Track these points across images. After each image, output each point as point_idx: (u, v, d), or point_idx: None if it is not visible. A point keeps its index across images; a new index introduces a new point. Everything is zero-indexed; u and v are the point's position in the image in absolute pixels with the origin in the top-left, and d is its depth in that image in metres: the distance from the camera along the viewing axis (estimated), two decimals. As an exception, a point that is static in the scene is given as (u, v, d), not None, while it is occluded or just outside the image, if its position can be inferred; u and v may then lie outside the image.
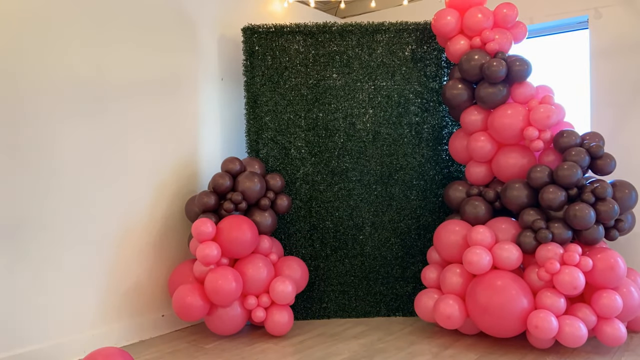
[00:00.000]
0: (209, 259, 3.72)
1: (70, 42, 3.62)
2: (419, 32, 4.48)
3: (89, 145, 3.72)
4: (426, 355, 3.56)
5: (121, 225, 3.92)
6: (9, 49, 3.32)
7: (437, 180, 4.51)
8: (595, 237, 3.53)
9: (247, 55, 4.44)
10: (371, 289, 4.52)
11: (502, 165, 3.90)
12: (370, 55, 4.48)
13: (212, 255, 3.72)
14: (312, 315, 4.50)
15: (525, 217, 3.67)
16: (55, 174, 3.53)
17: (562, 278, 3.38)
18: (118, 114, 3.89)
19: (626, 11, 4.38)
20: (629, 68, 4.36)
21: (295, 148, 4.48)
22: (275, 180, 4.21)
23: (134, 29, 4.01)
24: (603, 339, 3.43)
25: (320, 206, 4.49)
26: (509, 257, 3.58)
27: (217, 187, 4.02)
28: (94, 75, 3.74)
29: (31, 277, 3.41)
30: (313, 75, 4.47)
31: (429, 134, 4.50)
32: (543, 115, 3.69)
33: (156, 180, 4.17)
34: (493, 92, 3.87)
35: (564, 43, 4.89)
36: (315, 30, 4.45)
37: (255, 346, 3.83)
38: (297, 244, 4.49)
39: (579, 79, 4.69)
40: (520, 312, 3.46)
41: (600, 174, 3.68)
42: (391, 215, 4.51)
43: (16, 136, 3.34)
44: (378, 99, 4.48)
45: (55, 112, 3.53)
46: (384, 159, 4.49)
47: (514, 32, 4.05)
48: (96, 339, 3.74)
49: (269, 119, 4.46)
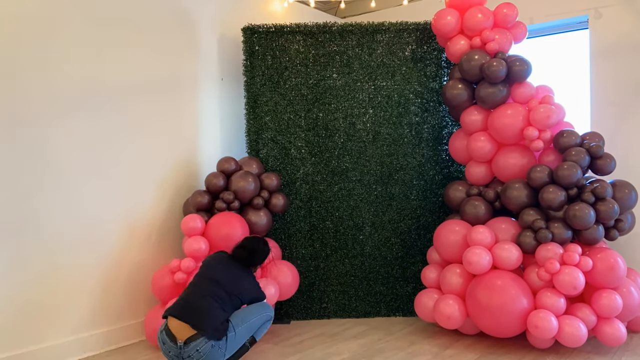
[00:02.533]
0: (197, 253, 3.74)
1: (71, 43, 3.62)
2: (419, 32, 4.48)
3: (89, 145, 3.72)
4: (426, 355, 3.56)
5: (122, 224, 3.92)
6: (9, 49, 3.32)
7: (437, 180, 4.51)
8: (595, 237, 3.53)
9: (247, 55, 4.44)
10: (371, 289, 4.52)
11: (502, 165, 3.90)
12: (370, 55, 4.48)
13: (200, 250, 3.74)
14: (312, 315, 4.50)
15: (525, 217, 3.67)
16: (56, 173, 3.53)
17: (562, 278, 3.38)
18: (118, 114, 3.89)
19: (626, 11, 4.38)
20: (629, 68, 4.36)
21: (295, 148, 4.48)
22: (271, 179, 4.22)
23: (134, 29, 4.01)
24: (603, 339, 3.43)
25: (320, 206, 4.49)
26: (509, 257, 3.58)
27: (210, 186, 4.05)
28: (94, 76, 3.74)
29: (31, 277, 3.41)
30: (313, 75, 4.47)
31: (429, 134, 4.50)
32: (543, 115, 3.69)
33: (156, 179, 4.17)
34: (493, 92, 3.87)
35: (564, 43, 4.89)
36: (315, 30, 4.45)
37: (255, 346, 3.83)
38: (297, 244, 4.49)
39: (579, 79, 4.69)
40: (520, 312, 3.46)
41: (600, 174, 3.68)
42: (391, 215, 4.51)
43: (16, 136, 3.34)
44: (378, 99, 4.48)
45: (56, 112, 3.53)
46: (384, 159, 4.49)
47: (514, 32, 4.05)
48: (97, 338, 3.74)
49: (269, 118, 4.46)
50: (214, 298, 3.07)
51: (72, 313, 3.63)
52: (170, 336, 2.97)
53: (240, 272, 3.30)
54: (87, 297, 3.72)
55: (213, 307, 3.04)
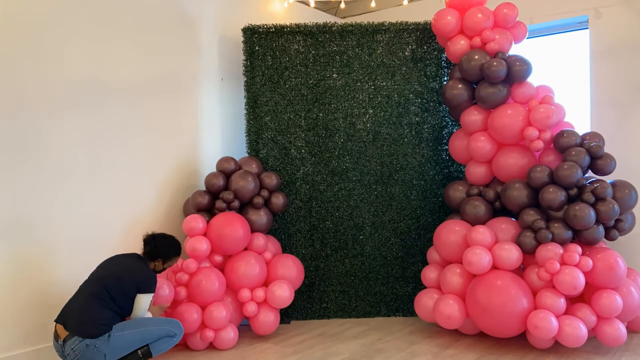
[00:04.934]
0: (198, 252, 3.75)
1: (70, 43, 3.62)
2: (419, 32, 4.48)
3: (89, 145, 3.72)
4: (426, 355, 3.56)
5: (122, 224, 3.92)
6: (9, 49, 3.32)
7: (437, 180, 4.51)
8: (595, 237, 3.53)
9: (247, 55, 4.44)
10: (371, 289, 4.52)
11: (502, 165, 3.90)
12: (370, 55, 4.48)
13: (201, 250, 3.75)
14: (312, 315, 4.50)
15: (525, 217, 3.67)
16: (55, 173, 3.53)
17: (562, 278, 3.38)
18: (118, 114, 3.89)
19: (626, 11, 4.38)
20: (629, 68, 4.36)
21: (295, 148, 4.48)
22: (271, 178, 4.22)
23: (134, 30, 4.01)
24: (603, 339, 3.43)
25: (320, 206, 4.49)
26: (509, 257, 3.58)
27: (210, 186, 4.05)
28: (94, 75, 3.74)
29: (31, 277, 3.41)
30: (313, 75, 4.47)
31: (429, 134, 4.50)
32: (543, 115, 3.69)
33: (157, 179, 4.17)
34: (493, 92, 3.87)
35: (564, 43, 4.89)
36: (315, 30, 4.45)
37: (256, 346, 3.83)
38: (297, 244, 4.49)
39: (579, 79, 4.69)
40: (520, 312, 3.46)
41: (600, 174, 3.68)
42: (391, 215, 4.51)
43: (16, 136, 3.34)
44: (378, 99, 4.48)
45: (56, 112, 3.53)
46: (384, 159, 4.49)
47: (514, 32, 4.05)
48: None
49: (269, 119, 4.46)
50: (92, 296, 3.06)
51: (72, 313, 3.63)
52: (55, 335, 3.06)
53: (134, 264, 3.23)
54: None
55: (88, 305, 3.03)
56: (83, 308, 3.02)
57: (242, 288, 3.89)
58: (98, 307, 3.03)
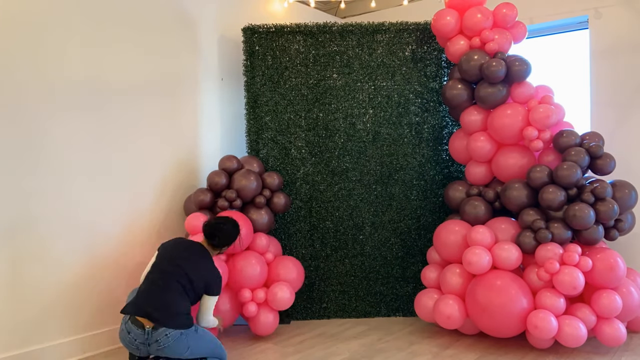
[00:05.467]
0: None
1: (70, 43, 3.62)
2: (419, 32, 4.48)
3: (89, 145, 3.72)
4: (426, 355, 3.56)
5: (122, 224, 3.92)
6: (9, 49, 3.32)
7: (437, 180, 4.51)
8: (595, 237, 3.53)
9: (247, 55, 4.45)
10: (371, 289, 4.52)
11: (501, 165, 3.90)
12: (370, 56, 4.48)
13: None
14: (312, 315, 4.50)
15: (525, 217, 3.67)
16: (55, 173, 3.54)
17: (561, 278, 3.38)
18: (118, 114, 3.89)
19: (626, 11, 4.38)
20: (629, 68, 4.36)
21: (295, 148, 4.48)
22: (273, 178, 4.22)
23: (134, 30, 4.01)
24: (603, 339, 3.43)
25: (320, 206, 4.50)
26: (509, 257, 3.58)
27: (212, 184, 4.04)
28: (94, 75, 3.75)
29: (31, 277, 3.42)
30: (313, 75, 4.47)
31: (429, 134, 4.50)
32: (543, 115, 3.69)
33: (156, 180, 4.17)
34: (493, 92, 3.87)
35: (564, 43, 4.89)
36: (315, 30, 4.45)
37: (255, 346, 3.84)
38: (297, 244, 4.49)
39: (579, 79, 4.69)
40: (520, 312, 3.46)
41: (600, 174, 3.68)
42: (391, 215, 4.51)
43: (15, 136, 3.34)
44: (378, 99, 4.48)
45: (56, 112, 3.53)
46: (384, 159, 4.49)
47: (513, 32, 4.05)
48: (98, 338, 3.74)
49: (269, 119, 4.46)
50: (172, 290, 2.96)
51: (72, 313, 3.63)
52: (136, 323, 2.88)
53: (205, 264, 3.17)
54: (88, 297, 3.72)
55: (172, 298, 2.94)
56: (171, 301, 2.93)
57: (243, 288, 3.89)
58: (181, 300, 2.97)
